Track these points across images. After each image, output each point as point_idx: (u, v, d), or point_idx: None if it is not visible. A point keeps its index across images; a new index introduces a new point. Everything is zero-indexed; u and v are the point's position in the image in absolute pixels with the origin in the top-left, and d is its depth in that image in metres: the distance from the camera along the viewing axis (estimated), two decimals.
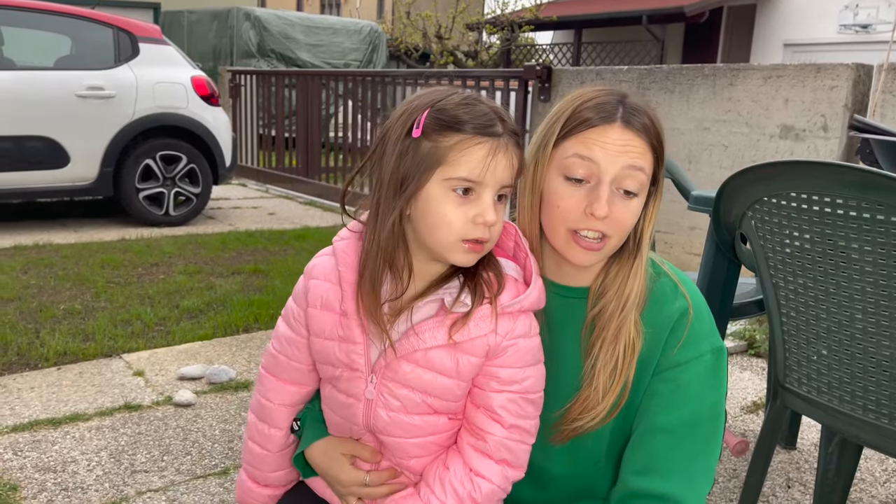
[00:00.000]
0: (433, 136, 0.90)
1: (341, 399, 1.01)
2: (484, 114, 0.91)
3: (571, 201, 0.97)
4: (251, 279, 4.03)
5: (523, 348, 0.97)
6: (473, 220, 0.91)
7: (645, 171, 0.98)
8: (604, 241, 0.98)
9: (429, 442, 0.99)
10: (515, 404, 0.97)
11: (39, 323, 3.16)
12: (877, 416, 1.31)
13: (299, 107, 7.57)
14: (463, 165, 0.90)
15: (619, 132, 0.96)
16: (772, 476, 2.19)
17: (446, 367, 0.95)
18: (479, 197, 0.91)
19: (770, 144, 3.97)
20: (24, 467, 2.01)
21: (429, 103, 0.92)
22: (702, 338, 1.01)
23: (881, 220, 1.19)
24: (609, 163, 0.96)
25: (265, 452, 1.12)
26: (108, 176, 5.22)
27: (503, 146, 0.91)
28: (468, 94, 0.94)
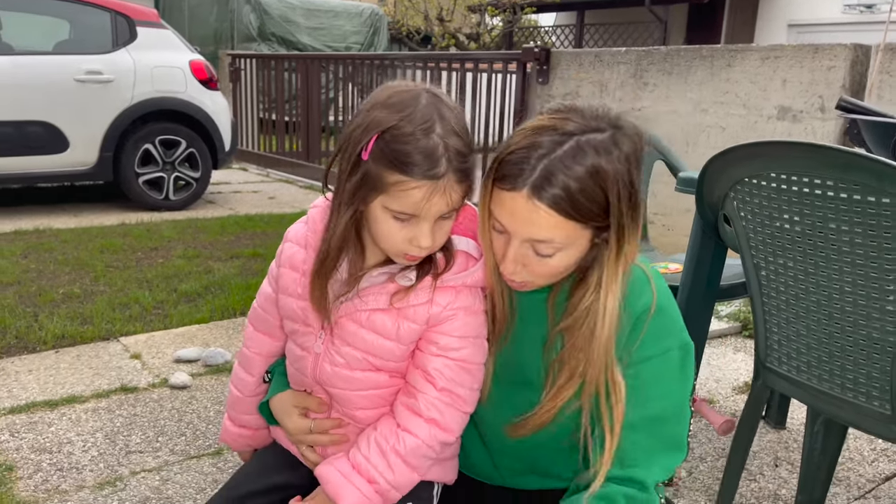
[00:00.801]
0: (378, 167, 0.92)
1: (297, 352, 1.10)
2: (428, 154, 0.91)
3: (496, 249, 0.99)
4: (250, 263, 4.05)
5: (463, 320, 1.02)
6: (410, 241, 0.96)
7: (555, 241, 0.93)
8: (527, 284, 0.99)
9: (371, 394, 1.06)
10: (450, 370, 1.02)
11: (38, 307, 3.18)
12: (854, 394, 1.33)
13: (300, 90, 7.56)
14: (400, 202, 0.93)
15: (523, 203, 0.91)
16: (760, 455, 2.21)
17: (387, 330, 1.02)
18: (417, 224, 0.95)
19: (767, 126, 3.95)
20: (20, 448, 2.04)
21: (381, 126, 0.92)
22: (668, 334, 1.01)
23: (858, 201, 1.19)
24: (514, 230, 0.95)
25: (240, 395, 1.24)
26: (107, 161, 5.23)
27: (441, 188, 0.92)
28: (423, 120, 0.92)
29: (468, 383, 1.04)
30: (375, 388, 1.06)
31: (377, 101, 0.95)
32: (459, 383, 1.03)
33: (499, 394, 1.08)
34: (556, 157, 0.90)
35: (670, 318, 1.01)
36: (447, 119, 0.93)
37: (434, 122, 0.92)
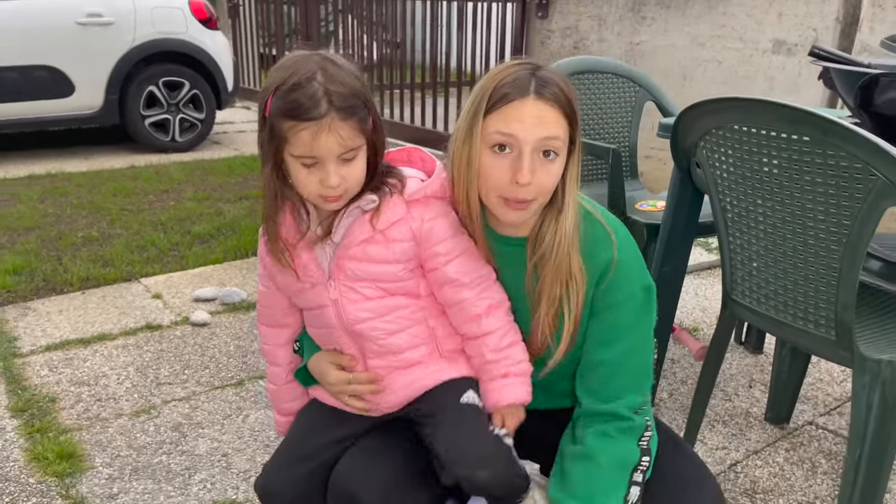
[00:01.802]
0: (276, 119, 1.05)
1: (315, 312, 1.22)
2: (309, 97, 1.03)
3: (499, 172, 1.10)
4: (258, 204, 4.20)
5: (444, 223, 1.16)
6: (321, 182, 1.07)
7: (560, 137, 1.09)
8: (528, 203, 1.12)
9: (396, 317, 1.18)
10: (464, 264, 1.17)
11: (61, 250, 3.36)
12: (805, 322, 1.49)
13: (299, 24, 7.53)
14: (297, 146, 1.05)
15: (532, 104, 1.07)
16: (737, 377, 2.41)
17: (382, 256, 1.15)
18: (321, 166, 1.06)
19: (763, 59, 4.01)
20: (59, 382, 2.25)
21: (273, 84, 1.06)
22: (632, 279, 1.16)
23: (808, 151, 1.33)
24: (527, 134, 1.07)
25: (276, 388, 1.36)
26: (113, 104, 5.32)
27: (326, 126, 1.03)
28: (306, 73, 1.04)
29: (482, 264, 1.18)
30: (397, 310, 1.17)
31: (274, 67, 1.09)
32: (477, 268, 1.18)
33: None
34: (539, 73, 1.09)
35: (631, 267, 1.16)
36: (330, 72, 1.05)
37: (315, 73, 1.04)
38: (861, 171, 1.27)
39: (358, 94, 1.06)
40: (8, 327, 2.60)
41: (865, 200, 1.28)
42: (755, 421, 2.15)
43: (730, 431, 2.09)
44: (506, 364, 1.19)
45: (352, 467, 1.19)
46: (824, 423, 2.15)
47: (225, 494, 1.76)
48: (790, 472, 1.91)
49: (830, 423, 2.15)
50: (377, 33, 7.02)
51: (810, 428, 2.12)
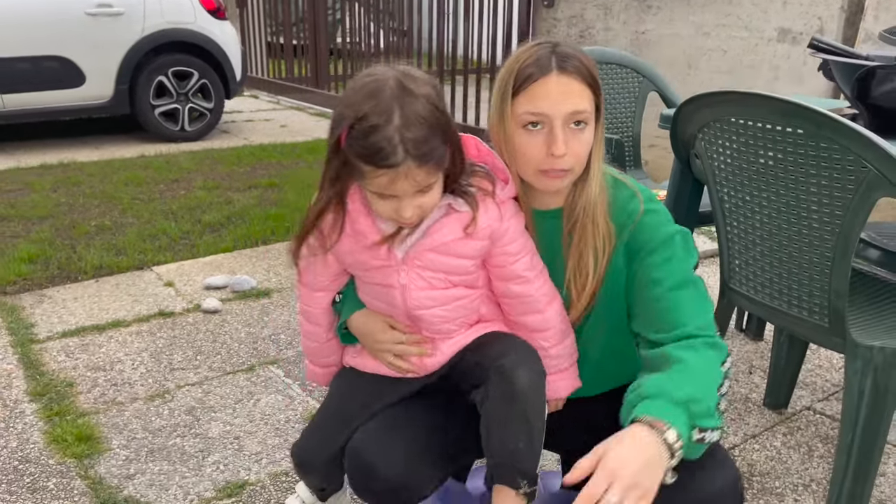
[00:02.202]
0: (351, 154, 1.05)
1: (379, 289, 1.24)
2: (386, 144, 1.01)
3: (534, 149, 1.15)
4: (267, 193, 4.25)
5: (517, 223, 1.22)
6: (396, 212, 1.10)
7: (587, 108, 1.15)
8: (566, 172, 1.17)
9: (455, 306, 1.24)
10: (529, 262, 1.23)
11: (74, 239, 3.43)
12: (799, 310, 1.53)
13: (307, 12, 7.55)
14: (373, 184, 1.07)
15: (556, 79, 1.12)
16: (737, 364, 2.45)
17: (462, 252, 1.19)
18: (396, 200, 1.08)
19: (768, 48, 4.02)
20: (76, 367, 2.32)
21: (348, 119, 1.04)
22: (664, 224, 1.21)
23: (802, 144, 1.37)
24: (555, 109, 1.12)
25: (315, 345, 1.38)
26: (123, 93, 5.37)
27: (402, 174, 1.03)
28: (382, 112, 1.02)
29: (539, 258, 1.24)
30: (456, 300, 1.23)
31: (350, 91, 1.07)
32: (539, 262, 1.24)
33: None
34: (558, 49, 1.14)
35: (661, 213, 1.21)
36: (407, 108, 1.03)
37: (392, 113, 1.02)
38: (853, 164, 1.31)
39: (435, 131, 1.05)
40: (25, 314, 2.67)
41: (857, 191, 1.32)
42: (754, 406, 2.19)
43: (728, 416, 2.14)
44: (564, 360, 1.26)
45: (370, 440, 1.23)
46: (822, 409, 2.19)
47: (237, 475, 1.82)
48: (787, 455, 1.96)
49: (828, 409, 2.19)
50: (384, 21, 7.04)
51: (808, 413, 2.17)
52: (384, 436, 1.23)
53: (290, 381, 2.26)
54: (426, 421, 1.27)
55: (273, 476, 1.81)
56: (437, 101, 1.07)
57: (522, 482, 1.16)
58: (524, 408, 1.15)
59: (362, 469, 1.20)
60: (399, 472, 1.19)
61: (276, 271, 3.13)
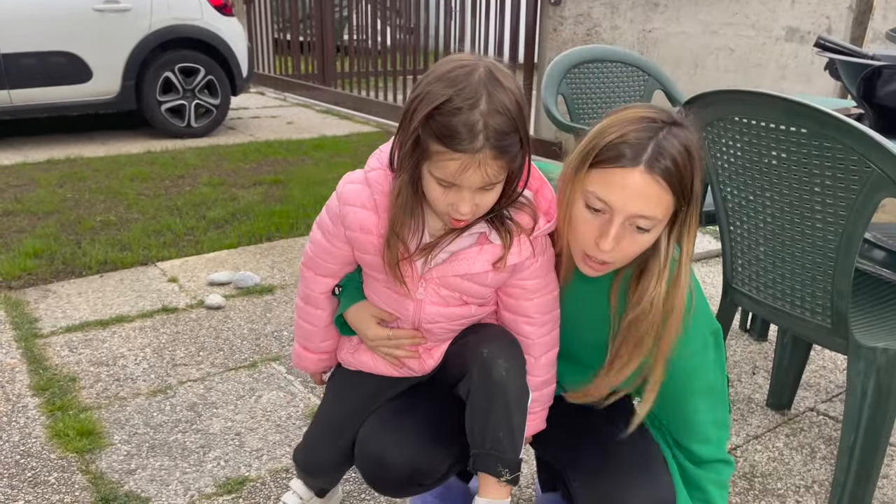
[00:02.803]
0: (426, 135, 1.01)
1: (392, 295, 1.22)
2: (467, 128, 0.98)
3: (586, 228, 1.07)
4: (272, 190, 4.26)
5: (542, 262, 1.18)
6: (452, 206, 1.05)
7: (656, 217, 1.04)
8: (606, 266, 1.11)
9: (463, 322, 1.23)
10: (543, 304, 1.20)
11: (80, 234, 3.44)
12: (802, 310, 1.52)
13: (313, 9, 7.56)
14: (440, 170, 1.03)
15: (639, 177, 1.01)
16: (740, 364, 2.44)
17: (484, 281, 1.17)
18: (457, 191, 1.04)
19: (775, 47, 3.99)
20: (79, 362, 2.32)
21: (433, 100, 1.00)
22: (703, 326, 1.18)
23: (805, 143, 1.36)
24: (622, 206, 1.03)
25: (313, 328, 1.36)
26: (129, 89, 5.39)
27: (476, 162, 0.99)
28: (470, 96, 0.98)
29: (556, 305, 1.22)
30: (467, 318, 1.22)
31: (436, 74, 1.02)
32: (552, 309, 1.21)
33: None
34: (661, 137, 1.02)
35: (702, 311, 1.17)
36: (495, 97, 0.99)
37: (480, 99, 0.98)
38: (856, 164, 1.30)
39: (517, 127, 1.01)
40: (29, 309, 2.68)
41: (861, 192, 1.31)
42: (757, 407, 2.18)
43: (732, 417, 2.12)
44: (540, 404, 1.26)
45: (376, 431, 1.23)
46: (825, 410, 2.18)
47: (238, 472, 1.82)
48: (789, 456, 1.95)
49: (831, 410, 2.18)
50: (391, 19, 7.03)
51: (811, 414, 2.15)
52: (389, 425, 1.24)
53: (291, 378, 2.26)
54: (428, 406, 1.28)
55: (273, 473, 1.82)
56: (521, 99, 1.03)
57: (504, 470, 1.16)
58: (504, 397, 1.15)
59: (373, 461, 1.21)
60: (409, 456, 1.20)
61: (280, 268, 3.13)
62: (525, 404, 1.19)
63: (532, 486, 1.80)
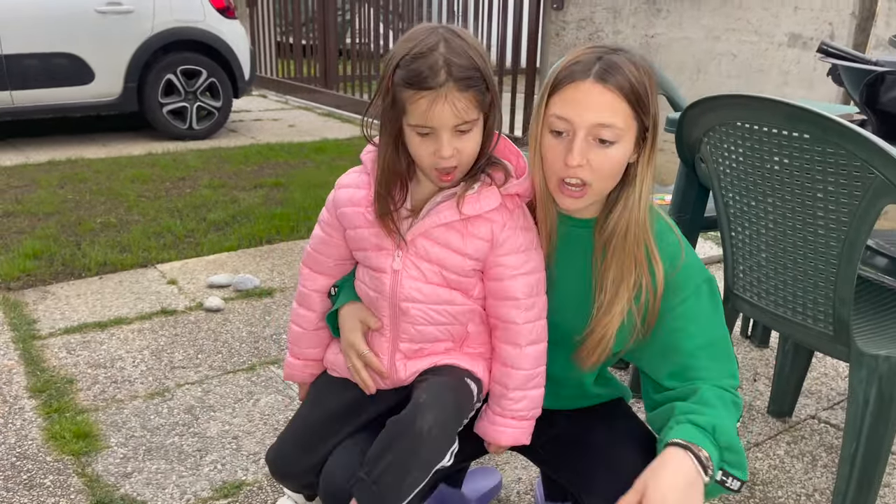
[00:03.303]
0: (397, 88, 1.07)
1: (372, 274, 1.22)
2: (429, 67, 1.04)
3: (554, 153, 1.10)
4: (272, 192, 4.25)
5: (523, 236, 1.17)
6: (433, 154, 1.09)
7: (616, 125, 1.06)
8: (585, 188, 1.10)
9: (443, 309, 1.19)
10: (528, 286, 1.18)
11: (79, 236, 3.43)
12: (803, 317, 1.51)
13: (316, 13, 7.56)
14: (413, 115, 1.07)
15: (590, 87, 1.06)
16: (741, 371, 2.42)
17: (457, 246, 1.15)
18: (436, 136, 1.08)
19: (778, 53, 3.99)
20: (77, 364, 2.31)
21: (398, 55, 1.08)
22: (695, 273, 1.17)
23: (807, 149, 1.35)
24: (580, 117, 1.06)
25: (303, 330, 1.35)
26: (131, 91, 5.39)
27: (442, 96, 1.04)
28: (428, 44, 1.06)
29: (542, 290, 1.19)
30: (449, 304, 1.19)
31: (401, 39, 1.11)
32: (538, 293, 1.19)
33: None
34: (613, 56, 1.07)
35: (694, 257, 1.18)
36: (454, 45, 1.06)
37: (438, 44, 1.06)
38: (859, 169, 1.28)
39: (479, 69, 1.07)
40: (28, 310, 2.67)
41: (864, 198, 1.30)
42: (758, 414, 2.17)
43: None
44: (524, 406, 1.21)
45: (343, 467, 1.19)
46: (826, 418, 2.16)
47: (235, 475, 1.81)
48: (790, 464, 1.94)
49: (833, 418, 2.16)
50: (393, 23, 7.04)
51: (812, 422, 2.14)
52: (354, 460, 1.20)
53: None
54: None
55: (270, 477, 1.80)
56: (483, 53, 1.09)
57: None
58: (413, 449, 1.11)
59: (337, 497, 1.17)
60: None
61: (280, 271, 3.12)
62: (429, 469, 1.14)
63: (531, 492, 1.78)
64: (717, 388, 1.13)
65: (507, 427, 1.22)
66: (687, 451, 1.02)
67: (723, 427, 1.06)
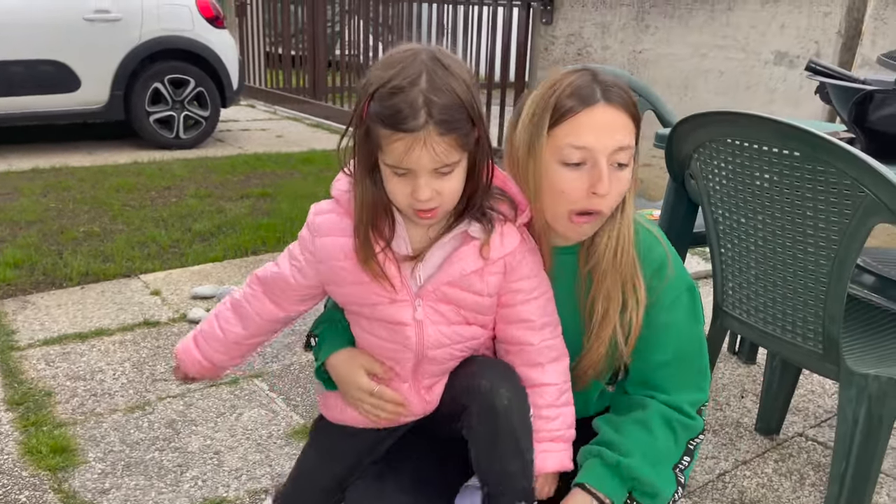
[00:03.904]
0: (373, 122, 0.98)
1: (389, 326, 1.12)
2: (407, 105, 0.94)
3: (574, 185, 1.06)
4: (259, 203, 4.22)
5: (532, 260, 1.14)
6: (411, 194, 1.00)
7: (631, 145, 1.06)
8: (599, 215, 1.09)
9: (465, 346, 1.14)
10: (540, 308, 1.14)
11: (62, 245, 3.38)
12: (793, 335, 1.50)
13: (306, 24, 7.56)
14: (390, 156, 0.98)
15: (602, 111, 1.04)
16: (729, 387, 2.42)
17: (479, 287, 1.09)
18: (413, 178, 0.99)
19: (764, 70, 4.02)
20: (56, 376, 2.27)
21: (373, 85, 0.98)
22: (678, 282, 1.16)
23: (798, 167, 1.34)
24: (601, 144, 1.04)
25: (222, 337, 1.24)
26: (118, 99, 5.35)
27: (420, 140, 0.95)
28: (409, 76, 0.96)
29: (554, 309, 1.16)
30: (470, 340, 1.14)
31: (380, 61, 1.01)
32: (551, 313, 1.15)
33: None
34: (602, 75, 1.06)
35: (679, 266, 1.17)
36: (437, 76, 0.96)
37: (420, 77, 0.95)
38: (850, 188, 1.28)
39: (463, 105, 0.98)
40: (7, 320, 2.62)
41: (854, 216, 1.30)
42: (745, 431, 2.16)
43: (720, 441, 2.10)
44: (559, 425, 1.16)
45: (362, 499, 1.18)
46: (814, 435, 2.16)
47: (216, 492, 1.77)
48: (778, 483, 1.92)
49: (820, 436, 2.16)
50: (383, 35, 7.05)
51: (800, 440, 2.13)
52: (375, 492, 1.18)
53: (273, 396, 2.21)
54: (413, 466, 1.23)
55: (252, 493, 1.77)
56: (469, 82, 1.00)
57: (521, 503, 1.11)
58: (510, 426, 1.09)
59: None
60: None
61: None
62: (530, 435, 1.12)
63: None
64: (667, 407, 1.15)
65: (549, 451, 1.15)
66: (592, 497, 1.10)
67: (631, 463, 1.11)
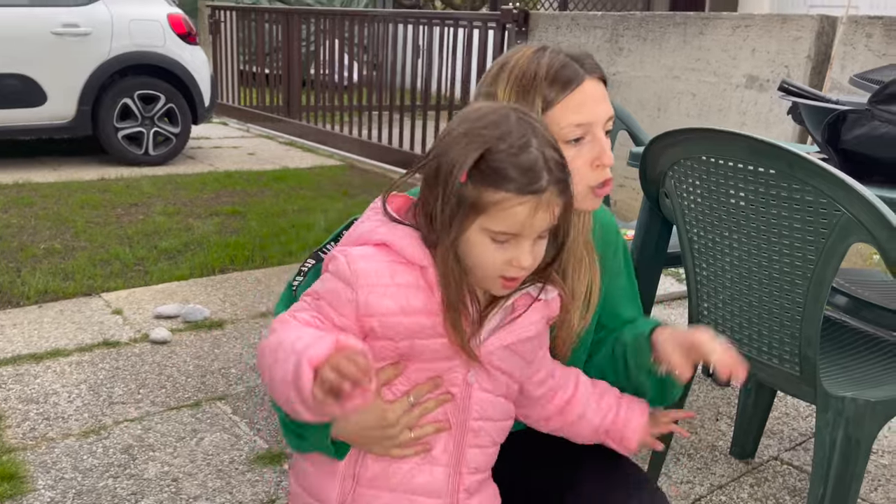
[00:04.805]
0: (477, 186, 0.89)
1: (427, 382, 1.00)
2: (530, 167, 0.89)
3: (581, 160, 1.05)
4: (229, 221, 4.13)
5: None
6: (509, 262, 0.92)
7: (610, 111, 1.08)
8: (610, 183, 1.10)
9: (505, 425, 1.04)
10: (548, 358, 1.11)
11: (20, 262, 3.27)
12: (769, 357, 1.47)
13: (281, 44, 7.52)
14: (502, 222, 0.90)
15: (589, 84, 1.04)
16: (703, 410, 2.38)
17: (532, 356, 1.04)
18: (517, 244, 0.91)
19: (735, 94, 4.06)
20: (7, 398, 2.16)
21: (478, 146, 0.90)
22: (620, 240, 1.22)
23: (773, 185, 1.32)
24: (597, 116, 1.05)
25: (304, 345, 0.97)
26: (85, 114, 5.24)
27: (545, 202, 0.90)
28: (520, 136, 0.90)
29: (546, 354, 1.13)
30: (505, 419, 1.04)
31: (463, 128, 0.92)
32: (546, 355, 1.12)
33: None
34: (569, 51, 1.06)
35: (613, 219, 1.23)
36: (540, 132, 0.92)
37: (530, 137, 0.91)
38: (826, 206, 1.26)
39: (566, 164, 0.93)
40: None
41: (830, 236, 1.27)
42: (720, 455, 2.12)
43: (695, 465, 2.06)
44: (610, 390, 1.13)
45: None
46: (789, 459, 2.13)
47: None
48: None
49: (795, 459, 2.13)
50: (358, 55, 7.02)
51: (775, 463, 2.10)
52: None
53: (237, 419, 2.13)
54: None
55: None
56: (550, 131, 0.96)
57: None
58: None
59: None
60: None
61: (232, 301, 3.01)
62: None
63: None
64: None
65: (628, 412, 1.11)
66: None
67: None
